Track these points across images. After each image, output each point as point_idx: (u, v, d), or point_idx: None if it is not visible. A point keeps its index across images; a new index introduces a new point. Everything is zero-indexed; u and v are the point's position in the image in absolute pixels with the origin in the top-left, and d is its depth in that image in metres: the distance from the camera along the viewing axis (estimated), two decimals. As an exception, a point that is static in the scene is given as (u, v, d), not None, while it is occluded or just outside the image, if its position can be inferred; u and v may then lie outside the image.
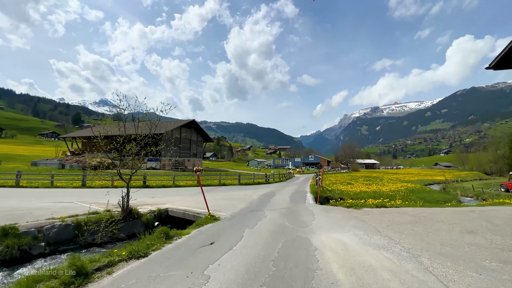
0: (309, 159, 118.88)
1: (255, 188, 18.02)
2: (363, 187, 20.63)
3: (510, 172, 24.27)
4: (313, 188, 16.88)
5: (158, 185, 17.27)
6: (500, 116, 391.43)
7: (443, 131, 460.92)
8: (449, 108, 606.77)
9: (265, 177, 24.30)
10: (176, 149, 49.68)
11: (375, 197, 16.09)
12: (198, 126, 55.18)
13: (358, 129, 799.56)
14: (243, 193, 14.11)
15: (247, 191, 15.68)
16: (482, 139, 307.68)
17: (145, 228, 9.21)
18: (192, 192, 15.00)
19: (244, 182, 21.46)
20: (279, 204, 10.26)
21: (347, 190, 17.78)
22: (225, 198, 12.07)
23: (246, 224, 6.76)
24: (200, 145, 59.32)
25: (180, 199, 11.91)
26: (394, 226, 6.42)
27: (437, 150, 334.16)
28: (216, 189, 16.65)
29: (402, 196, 17.09)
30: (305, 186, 20.88)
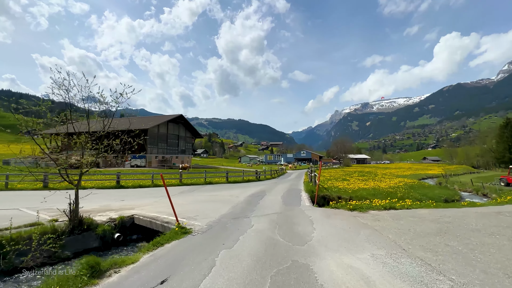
0: (301, 154, 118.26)
1: (244, 186, 16.31)
2: (360, 184, 19.29)
3: (510, 166, 23.62)
4: (307, 185, 15.32)
5: (134, 185, 15.25)
6: (484, 111, 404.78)
7: (431, 126, 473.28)
8: (436, 104, 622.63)
9: (256, 174, 22.61)
10: (163, 145, 47.24)
11: (375, 194, 14.70)
12: (187, 121, 52.72)
13: (349, 125, 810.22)
14: (230, 193, 12.36)
15: (234, 190, 13.94)
16: (468, 134, 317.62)
17: (100, 242, 7.35)
18: (172, 192, 13.12)
19: (232, 180, 19.69)
20: (269, 207, 8.57)
21: (344, 187, 16.34)
22: (207, 200, 10.29)
23: (224, 240, 5.03)
24: (189, 141, 56.95)
25: (154, 202, 10.04)
26: (419, 240, 4.84)
27: (424, 145, 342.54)
28: (201, 189, 14.83)
29: (404, 193, 15.81)
30: (299, 183, 19.34)
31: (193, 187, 15.46)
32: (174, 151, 50.62)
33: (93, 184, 15.10)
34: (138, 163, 41.23)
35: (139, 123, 46.89)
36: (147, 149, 42.13)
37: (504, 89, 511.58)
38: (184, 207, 8.80)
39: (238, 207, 8.74)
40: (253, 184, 17.93)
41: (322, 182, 18.61)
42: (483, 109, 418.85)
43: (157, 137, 45.34)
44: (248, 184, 18.28)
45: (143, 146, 42.23)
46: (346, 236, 5.16)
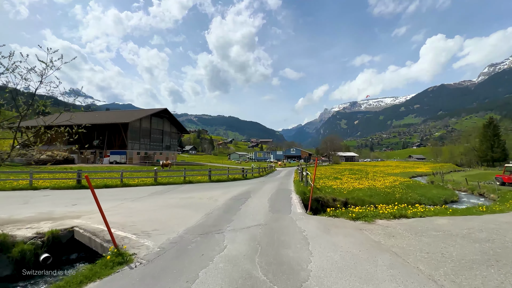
0: (290, 152, 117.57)
1: (227, 186, 14.49)
2: (354, 183, 17.96)
3: (506, 164, 23.14)
4: (298, 185, 13.71)
5: (99, 184, 13.05)
6: (466, 111, 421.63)
7: (416, 125, 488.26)
8: (421, 104, 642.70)
9: (242, 172, 20.80)
10: (146, 141, 44.46)
11: (373, 195, 13.32)
12: (172, 116, 49.99)
13: (338, 123, 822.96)
14: (209, 195, 10.52)
15: (215, 191, 12.10)
16: (450, 133, 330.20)
17: (15, 268, 5.34)
18: (141, 193, 11.13)
19: (216, 178, 17.79)
20: (252, 216, 6.82)
21: (338, 187, 14.87)
22: (177, 205, 8.39)
23: (176, 278, 3.23)
24: (175, 137, 54.26)
25: (113, 207, 8.05)
26: (468, 274, 3.24)
27: (410, 143, 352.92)
28: (176, 189, 12.88)
29: (402, 193, 14.56)
30: (289, 182, 17.75)
31: (169, 187, 13.47)
32: (158, 147, 47.90)
33: (51, 183, 12.81)
34: (117, 159, 38.38)
35: (118, 117, 43.79)
36: (128, 144, 39.31)
37: (484, 90, 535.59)
38: (144, 215, 6.89)
39: (213, 215, 6.93)
40: (238, 184, 16.14)
41: (313, 181, 17.14)
42: (465, 110, 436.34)
43: (140, 132, 42.52)
44: (233, 183, 16.47)
45: (123, 141, 39.40)
46: (359, 269, 3.48)
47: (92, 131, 41.49)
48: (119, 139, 39.78)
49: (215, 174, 18.81)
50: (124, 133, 38.85)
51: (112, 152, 39.36)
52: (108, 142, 40.36)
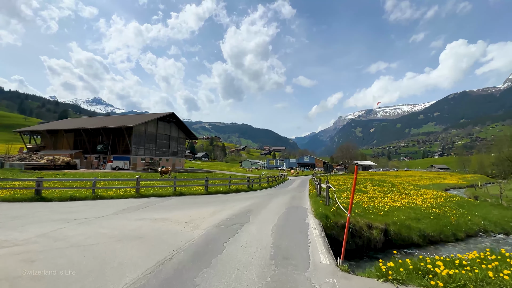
0: (304, 160, 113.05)
1: (224, 200, 11.47)
2: (386, 198, 14.29)
3: None
4: (316, 202, 10.41)
5: (63, 196, 10.46)
6: (491, 119, 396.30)
7: (436, 133, 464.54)
8: (441, 111, 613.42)
9: (248, 181, 17.68)
10: (151, 146, 42.69)
11: (419, 219, 9.70)
12: (179, 120, 48.19)
13: (353, 131, 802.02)
14: (190, 216, 7.55)
15: (204, 208, 9.12)
16: (474, 142, 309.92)
17: None
18: (107, 210, 8.39)
19: (214, 190, 14.80)
20: (237, 273, 3.72)
21: (369, 205, 11.37)
22: (130, 237, 5.43)
23: None
24: (182, 143, 52.37)
25: (37, 236, 5.24)
26: None
27: (430, 152, 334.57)
28: (158, 204, 10.05)
29: (457, 215, 10.82)
30: (303, 196, 14.43)
31: (149, 201, 10.64)
32: (164, 153, 45.99)
33: (7, 194, 10.41)
34: (120, 165, 36.60)
35: (123, 121, 42.50)
36: (132, 149, 37.54)
37: (511, 97, 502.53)
38: (56, 260, 3.98)
39: (169, 266, 3.89)
40: (239, 197, 13.05)
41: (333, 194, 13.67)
42: (490, 117, 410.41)
43: (144, 137, 40.81)
44: (234, 196, 13.40)
45: (127, 146, 37.72)
46: None
47: (96, 136, 40.33)
48: (123, 144, 38.17)
49: (214, 184, 15.85)
50: (128, 137, 37.19)
51: (115, 157, 37.72)
52: (112, 147, 38.86)
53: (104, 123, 41.23)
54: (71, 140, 42.51)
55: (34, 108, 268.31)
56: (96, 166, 39.04)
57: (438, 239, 8.68)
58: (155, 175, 26.80)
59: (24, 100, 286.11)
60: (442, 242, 8.73)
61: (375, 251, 7.63)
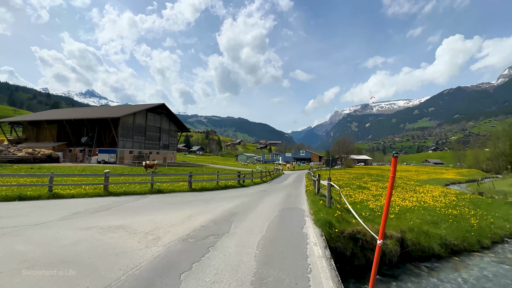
0: (300, 154, 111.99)
1: (208, 200, 9.81)
2: (393, 197, 12.85)
3: None
4: (315, 203, 8.84)
5: (9, 196, 8.63)
6: (484, 115, 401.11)
7: (430, 129, 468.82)
8: (436, 107, 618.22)
9: (238, 177, 16.00)
10: (140, 138, 40.59)
11: (437, 222, 8.22)
12: (171, 112, 45.98)
13: (348, 126, 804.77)
14: (160, 221, 5.89)
15: (179, 211, 7.45)
16: (467, 137, 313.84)
17: None
18: (58, 213, 6.63)
19: (199, 186, 13.12)
20: None
21: (376, 205, 9.83)
22: (51, 261, 3.74)
23: None
24: (174, 135, 50.27)
25: None
26: None
27: (424, 147, 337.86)
28: (125, 205, 8.35)
29: (478, 216, 9.38)
30: (299, 193, 12.88)
31: (117, 201, 8.92)
32: (154, 146, 43.95)
33: None
34: (106, 158, 34.53)
35: (110, 111, 40.18)
36: (118, 142, 35.44)
37: (504, 93, 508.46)
38: None
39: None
40: (227, 195, 11.41)
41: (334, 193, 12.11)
42: (483, 113, 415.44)
43: (133, 129, 38.64)
44: (220, 194, 11.74)
45: (114, 138, 35.60)
46: None
47: (81, 127, 38.01)
48: (109, 136, 35.98)
49: (200, 180, 14.15)
50: (114, 129, 34.99)
51: (101, 150, 35.58)
52: (98, 139, 36.64)
53: (89, 114, 38.84)
54: (54, 132, 40.10)
55: (24, 100, 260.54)
56: (81, 160, 36.89)
57: (462, 248, 7.22)
58: (141, 169, 24.98)
59: (14, 92, 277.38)
60: (466, 251, 7.28)
61: (390, 266, 6.10)
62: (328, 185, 7.74)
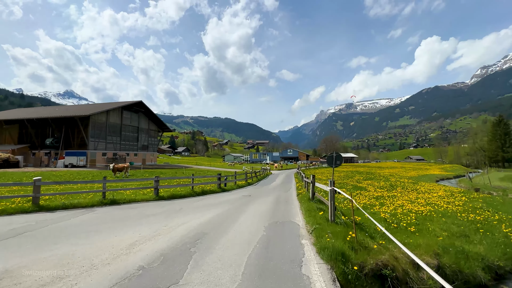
0: (287, 153, 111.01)
1: (174, 212, 7.53)
2: (398, 199, 11.10)
3: None
4: (311, 212, 6.83)
5: None
6: (460, 113, 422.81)
7: (411, 126, 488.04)
8: (415, 105, 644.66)
9: (219, 180, 13.73)
10: (115, 139, 37.10)
11: (466, 234, 6.47)
12: (149, 110, 42.67)
13: (334, 124, 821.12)
14: (83, 255, 3.58)
15: (126, 232, 5.13)
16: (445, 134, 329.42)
17: None
18: None
19: (169, 193, 10.75)
20: None
21: (385, 211, 7.98)
22: None
23: None
24: (154, 135, 46.90)
25: None
26: None
27: (406, 144, 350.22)
28: (63, 222, 5.89)
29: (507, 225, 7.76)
30: (289, 198, 10.86)
31: (44, 219, 6.40)
32: (131, 147, 40.50)
33: None
34: (74, 161, 30.88)
35: (79, 110, 36.40)
36: (89, 143, 31.90)
37: (477, 92, 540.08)
38: None
39: None
40: (201, 203, 9.14)
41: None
42: (459, 111, 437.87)
43: (106, 128, 35.11)
44: (193, 202, 9.45)
45: (83, 139, 32.02)
46: None
47: (46, 128, 33.98)
48: (78, 137, 32.32)
49: (173, 185, 11.74)
50: (84, 129, 31.42)
51: (68, 153, 31.84)
52: (66, 140, 32.83)
53: (55, 112, 34.85)
54: (15, 134, 35.71)
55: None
56: (46, 164, 32.93)
57: (508, 270, 5.44)
58: (111, 174, 21.96)
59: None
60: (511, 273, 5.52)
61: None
62: (331, 192, 5.71)
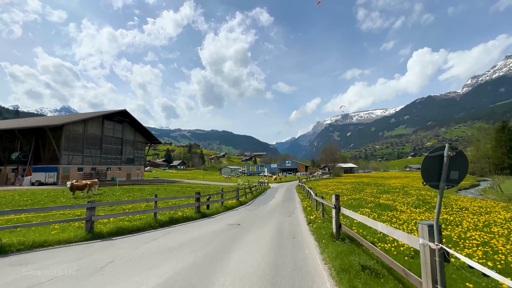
0: (286, 164, 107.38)
1: (99, 269, 3.98)
2: (461, 226, 7.69)
3: None
4: (345, 267, 3.37)
5: None
6: (454, 121, 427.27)
7: (407, 135, 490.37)
8: (410, 115, 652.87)
9: (197, 200, 10.12)
10: (95, 152, 33.38)
11: None
12: (135, 120, 39.29)
13: (331, 135, 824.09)
14: None
15: None
16: (441, 142, 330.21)
17: None
18: None
19: (114, 227, 7.17)
20: None
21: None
22: None
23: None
24: (141, 148, 43.23)
25: None
26: None
27: (403, 153, 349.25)
28: None
29: None
30: (298, 230, 7.34)
31: None
32: (114, 161, 36.68)
33: None
34: (42, 178, 26.95)
35: (50, 120, 32.89)
36: (61, 156, 28.15)
37: (469, 101, 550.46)
38: None
39: None
40: (153, 246, 5.55)
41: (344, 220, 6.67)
42: (453, 119, 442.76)
43: (83, 140, 31.48)
44: (144, 242, 5.86)
45: (55, 153, 28.31)
46: None
47: (14, 141, 30.25)
48: (50, 150, 28.62)
49: (123, 213, 8.13)
50: (56, 141, 27.82)
51: (37, 168, 27.98)
52: (35, 154, 29.05)
53: (24, 123, 31.30)
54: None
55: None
56: (13, 181, 28.92)
57: None
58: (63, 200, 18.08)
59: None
60: None
61: None
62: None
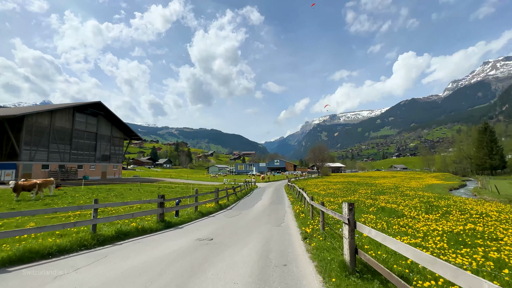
0: (274, 164, 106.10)
1: None
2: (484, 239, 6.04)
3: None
4: None
5: None
6: (435, 123, 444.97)
7: (391, 136, 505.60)
8: (395, 117, 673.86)
9: (160, 206, 7.96)
10: (64, 147, 30.01)
11: None
12: (112, 113, 35.95)
13: (319, 135, 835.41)
14: None
15: None
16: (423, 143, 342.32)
17: None
18: None
19: (35, 246, 4.93)
20: None
21: None
22: None
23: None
24: (119, 144, 39.90)
25: None
26: None
27: (388, 153, 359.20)
28: None
29: None
30: (290, 250, 5.39)
31: None
32: (87, 158, 33.32)
33: None
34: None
35: (8, 110, 29.26)
36: (21, 152, 24.76)
37: (450, 104, 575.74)
38: None
39: None
40: (64, 283, 3.39)
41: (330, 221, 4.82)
42: (434, 122, 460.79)
43: (49, 134, 28.07)
44: (63, 269, 3.69)
45: (14, 148, 24.86)
46: None
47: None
48: (8, 144, 25.13)
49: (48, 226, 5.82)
50: (15, 134, 24.41)
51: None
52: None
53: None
54: None
55: None
56: (-37, 180, 25.15)
57: None
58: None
59: None
60: None
61: None
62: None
